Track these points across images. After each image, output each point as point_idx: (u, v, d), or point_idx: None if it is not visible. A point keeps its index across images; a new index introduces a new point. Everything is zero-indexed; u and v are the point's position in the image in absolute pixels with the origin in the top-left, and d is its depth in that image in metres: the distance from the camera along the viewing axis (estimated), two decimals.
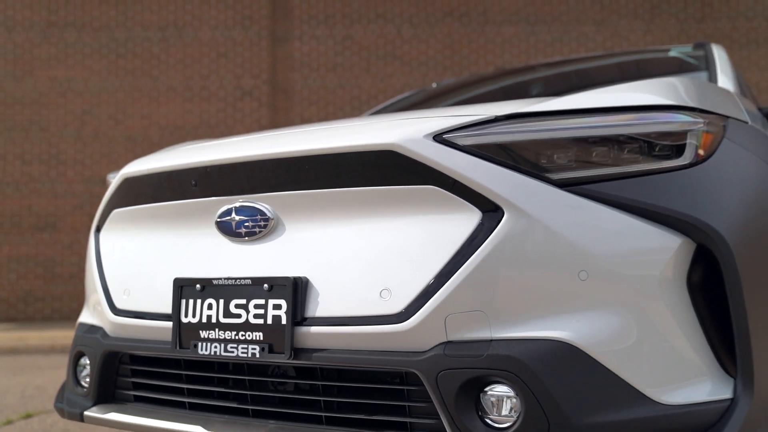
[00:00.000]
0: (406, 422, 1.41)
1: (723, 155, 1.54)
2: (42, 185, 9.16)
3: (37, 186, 9.16)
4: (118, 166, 8.98)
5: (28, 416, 3.40)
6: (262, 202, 1.56)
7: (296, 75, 9.37)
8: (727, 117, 1.70)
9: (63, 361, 5.91)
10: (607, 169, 1.43)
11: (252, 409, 1.58)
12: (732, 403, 1.37)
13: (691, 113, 1.54)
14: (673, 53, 3.01)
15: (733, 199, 1.47)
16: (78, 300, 8.90)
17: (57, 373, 5.11)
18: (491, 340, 1.33)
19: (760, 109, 2.52)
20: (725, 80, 2.48)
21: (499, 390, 1.33)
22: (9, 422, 3.25)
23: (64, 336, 6.94)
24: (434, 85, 3.75)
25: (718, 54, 2.79)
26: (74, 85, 9.26)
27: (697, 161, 1.48)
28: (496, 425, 1.33)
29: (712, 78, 2.53)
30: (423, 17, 9.46)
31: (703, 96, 1.70)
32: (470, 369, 1.32)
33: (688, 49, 3.03)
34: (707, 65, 2.70)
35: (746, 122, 1.85)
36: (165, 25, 9.35)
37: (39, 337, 7.03)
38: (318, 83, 9.36)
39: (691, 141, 1.49)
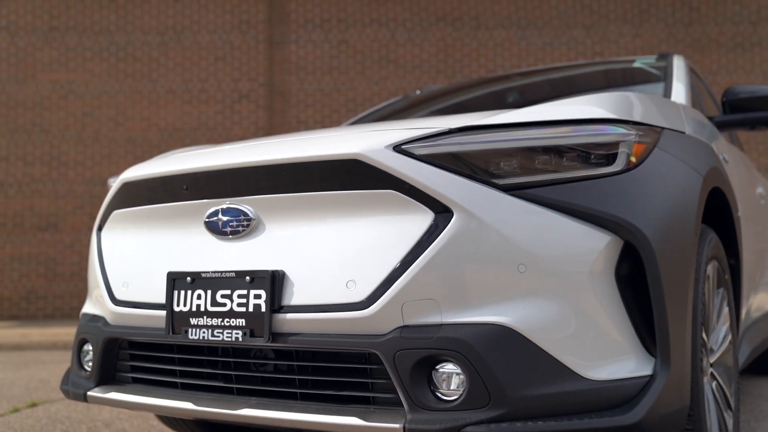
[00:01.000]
0: (369, 397, 1.61)
1: (652, 163, 1.74)
2: (44, 186, 9.37)
3: (39, 187, 9.37)
4: (119, 167, 9.21)
5: (33, 405, 3.60)
6: (245, 204, 1.77)
7: (293, 78, 9.57)
8: (663, 128, 1.90)
9: (65, 357, 6.11)
10: (547, 176, 1.63)
11: (236, 388, 1.78)
12: (651, 378, 1.57)
13: (625, 126, 1.74)
14: (637, 64, 3.21)
15: (657, 202, 1.67)
16: (79, 298, 9.11)
17: (59, 367, 5.32)
18: (441, 325, 1.53)
19: (711, 119, 2.73)
20: (679, 91, 2.67)
21: (448, 368, 1.53)
22: (16, 410, 3.46)
23: (66, 333, 7.14)
24: (418, 92, 3.95)
25: (678, 65, 2.98)
26: (75, 88, 9.47)
27: (628, 168, 1.68)
28: (446, 398, 1.53)
29: (668, 89, 2.72)
30: (417, 22, 9.66)
31: (643, 109, 1.90)
32: (423, 349, 1.52)
33: (651, 60, 3.23)
34: (666, 76, 2.90)
35: (683, 132, 2.05)
36: (164, 30, 9.56)
37: (41, 333, 7.23)
38: (314, 86, 9.57)
39: (623, 150, 1.69)
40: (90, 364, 2.06)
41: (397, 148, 1.63)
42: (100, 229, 2.15)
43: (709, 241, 1.95)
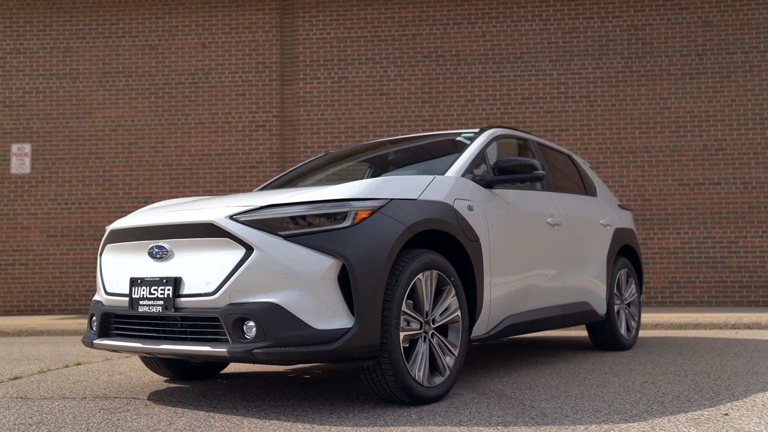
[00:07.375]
0: (217, 338, 3.30)
1: (370, 221, 3.36)
2: (98, 204, 11.40)
3: (95, 204, 11.41)
4: (159, 187, 11.13)
5: (78, 364, 5.43)
6: (165, 243, 3.47)
7: (301, 110, 11.35)
8: (392, 199, 3.52)
9: None
10: (307, 229, 3.28)
11: (163, 336, 3.50)
12: (351, 328, 3.20)
13: (358, 201, 3.39)
14: (459, 138, 4.78)
15: (364, 242, 3.30)
16: None
17: None
18: (246, 302, 3.20)
19: (479, 180, 4.31)
20: (458, 164, 4.24)
21: (250, 323, 3.20)
22: (67, 366, 5.30)
23: None
24: (342, 148, 5.60)
25: (476, 141, 4.53)
26: (123, 122, 11.47)
27: (352, 225, 3.32)
28: (247, 337, 3.19)
29: (453, 160, 4.30)
30: (406, 59, 11.30)
31: (379, 189, 3.50)
32: (238, 314, 3.19)
33: (471, 133, 4.77)
34: (465, 149, 4.46)
35: (414, 199, 3.67)
36: (194, 72, 11.47)
37: None
38: (318, 117, 11.32)
39: (350, 215, 3.34)
40: (95, 326, 3.82)
41: (231, 216, 3.32)
42: (101, 254, 3.92)
43: (419, 259, 3.55)
